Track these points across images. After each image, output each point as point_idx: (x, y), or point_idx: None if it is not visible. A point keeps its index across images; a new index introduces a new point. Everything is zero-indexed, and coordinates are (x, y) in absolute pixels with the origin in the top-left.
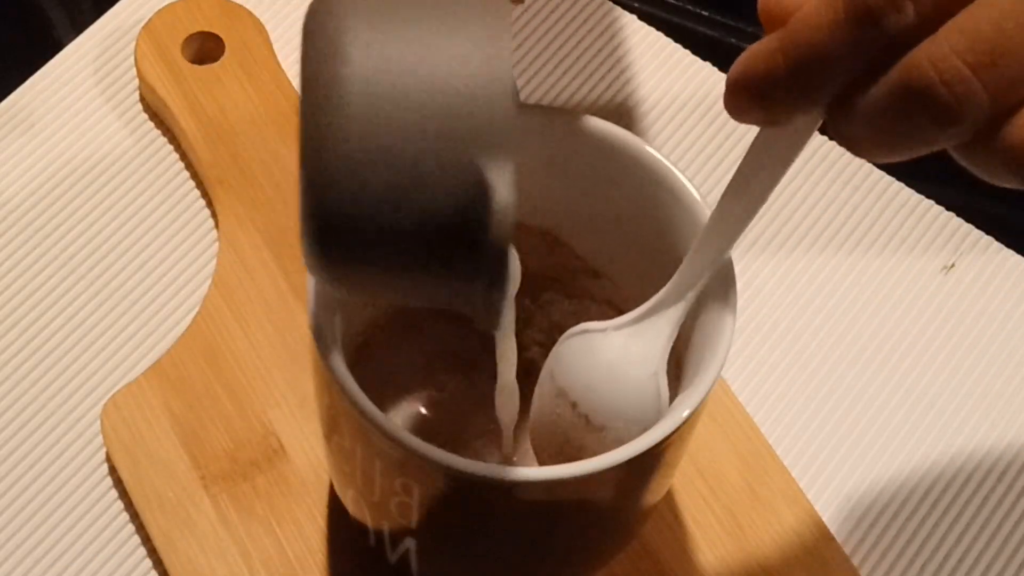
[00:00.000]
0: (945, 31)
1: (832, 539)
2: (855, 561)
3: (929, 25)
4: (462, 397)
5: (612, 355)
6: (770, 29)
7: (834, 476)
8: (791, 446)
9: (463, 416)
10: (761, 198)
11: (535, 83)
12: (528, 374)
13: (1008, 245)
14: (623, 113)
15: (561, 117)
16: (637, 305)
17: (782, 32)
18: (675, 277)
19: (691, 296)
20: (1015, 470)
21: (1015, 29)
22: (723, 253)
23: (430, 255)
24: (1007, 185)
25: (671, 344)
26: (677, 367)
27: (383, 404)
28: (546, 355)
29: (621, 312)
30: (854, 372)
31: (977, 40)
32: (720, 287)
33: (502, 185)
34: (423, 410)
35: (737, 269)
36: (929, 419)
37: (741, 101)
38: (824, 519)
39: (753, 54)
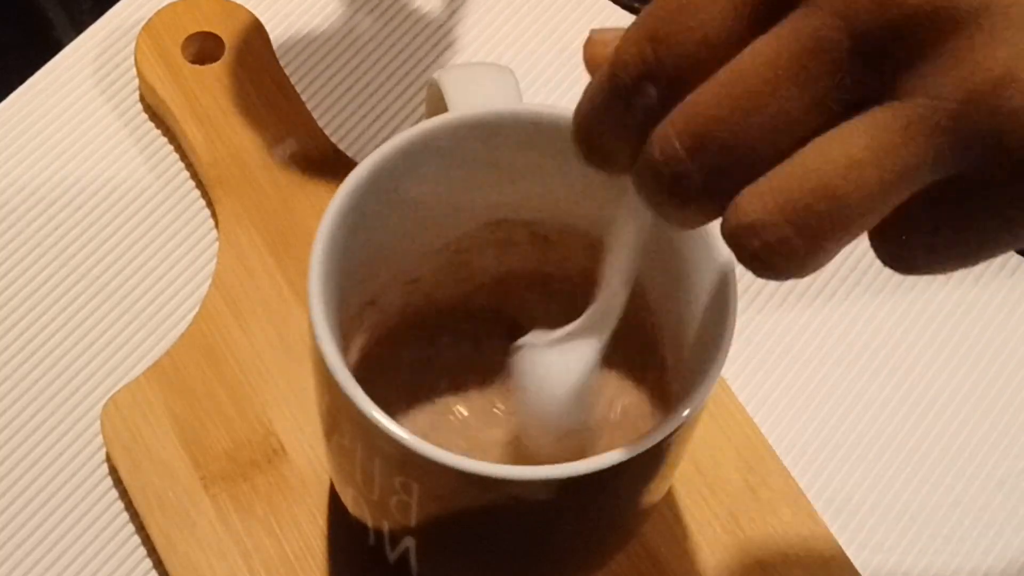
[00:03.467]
0: (676, 110)
1: (832, 539)
2: (855, 561)
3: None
4: (463, 396)
5: (539, 371)
6: (589, 70)
7: (834, 476)
8: (791, 446)
9: (464, 414)
10: (638, 238)
11: (535, 84)
12: None
13: None
14: None
15: (564, 117)
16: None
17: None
18: (593, 305)
19: (612, 322)
20: (1016, 471)
21: (728, 113)
22: (628, 280)
23: None
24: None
25: (595, 365)
26: (678, 366)
27: (383, 403)
28: None
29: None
30: (854, 372)
31: (693, 121)
32: (720, 287)
33: None
34: (424, 409)
35: (738, 269)
36: (929, 419)
37: (574, 134)
38: (824, 519)
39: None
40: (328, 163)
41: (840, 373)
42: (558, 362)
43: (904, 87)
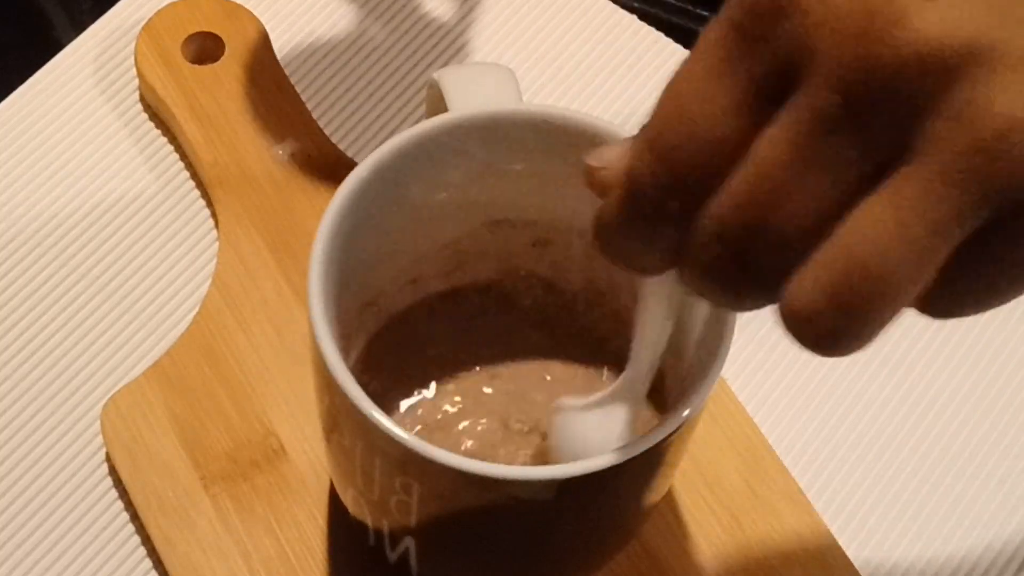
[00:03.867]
0: (711, 215)
1: (832, 539)
2: (855, 561)
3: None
4: (464, 397)
5: (579, 435)
6: (599, 195)
7: (834, 476)
8: (791, 446)
9: (465, 416)
10: (670, 315)
11: (535, 84)
12: None
13: None
14: (623, 113)
15: (564, 117)
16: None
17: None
18: (625, 374)
19: (644, 391)
20: (1016, 471)
21: (762, 211)
22: (658, 354)
23: None
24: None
25: (628, 430)
26: (678, 366)
27: (383, 403)
28: None
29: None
30: (854, 372)
31: (731, 225)
32: None
33: None
34: (425, 409)
35: None
36: (929, 419)
37: (599, 249)
38: (824, 519)
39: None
40: (328, 163)
41: (840, 373)
42: (597, 427)
43: (914, 147)
